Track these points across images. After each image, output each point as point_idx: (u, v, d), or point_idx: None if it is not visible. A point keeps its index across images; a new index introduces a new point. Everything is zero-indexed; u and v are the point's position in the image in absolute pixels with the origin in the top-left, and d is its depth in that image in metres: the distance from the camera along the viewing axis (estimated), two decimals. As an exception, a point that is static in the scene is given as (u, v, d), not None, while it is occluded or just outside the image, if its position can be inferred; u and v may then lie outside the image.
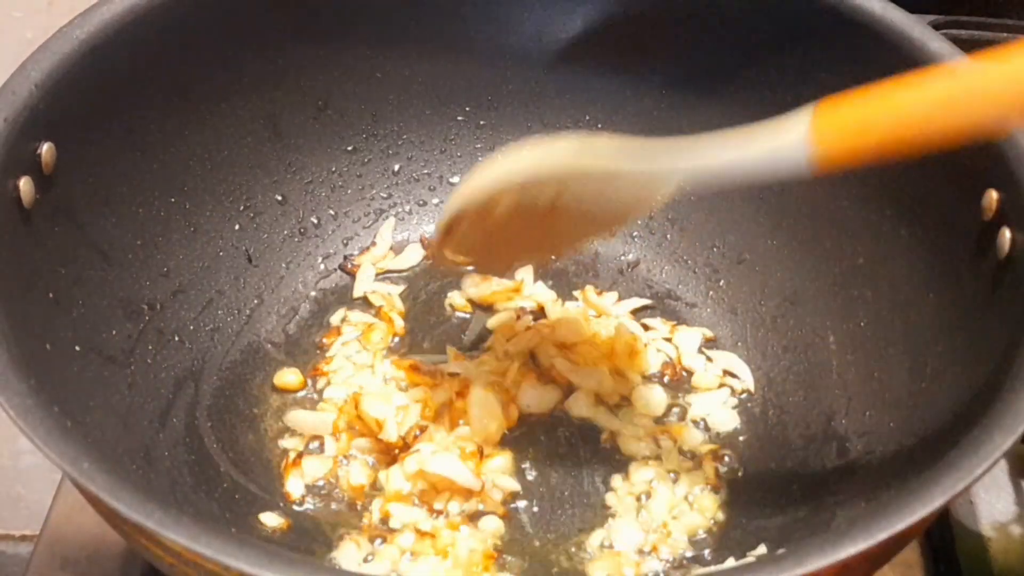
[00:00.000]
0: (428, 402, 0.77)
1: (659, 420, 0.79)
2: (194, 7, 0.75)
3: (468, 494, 0.73)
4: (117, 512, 0.51)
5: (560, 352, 0.81)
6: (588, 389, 0.79)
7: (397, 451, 0.75)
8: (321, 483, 0.74)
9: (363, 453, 0.76)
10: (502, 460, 0.75)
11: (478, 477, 0.73)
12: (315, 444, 0.77)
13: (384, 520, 0.72)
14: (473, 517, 0.73)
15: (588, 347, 0.82)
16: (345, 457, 0.76)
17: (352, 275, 0.87)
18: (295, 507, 0.73)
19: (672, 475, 0.76)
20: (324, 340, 0.83)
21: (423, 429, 0.76)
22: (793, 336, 0.81)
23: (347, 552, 0.71)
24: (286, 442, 0.77)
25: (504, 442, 0.76)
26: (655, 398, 0.80)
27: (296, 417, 0.78)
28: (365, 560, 0.71)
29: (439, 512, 0.73)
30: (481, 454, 0.74)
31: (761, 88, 0.81)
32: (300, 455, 0.75)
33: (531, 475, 0.76)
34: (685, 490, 0.75)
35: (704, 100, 0.84)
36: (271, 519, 0.72)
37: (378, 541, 0.72)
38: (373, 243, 0.88)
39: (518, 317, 0.84)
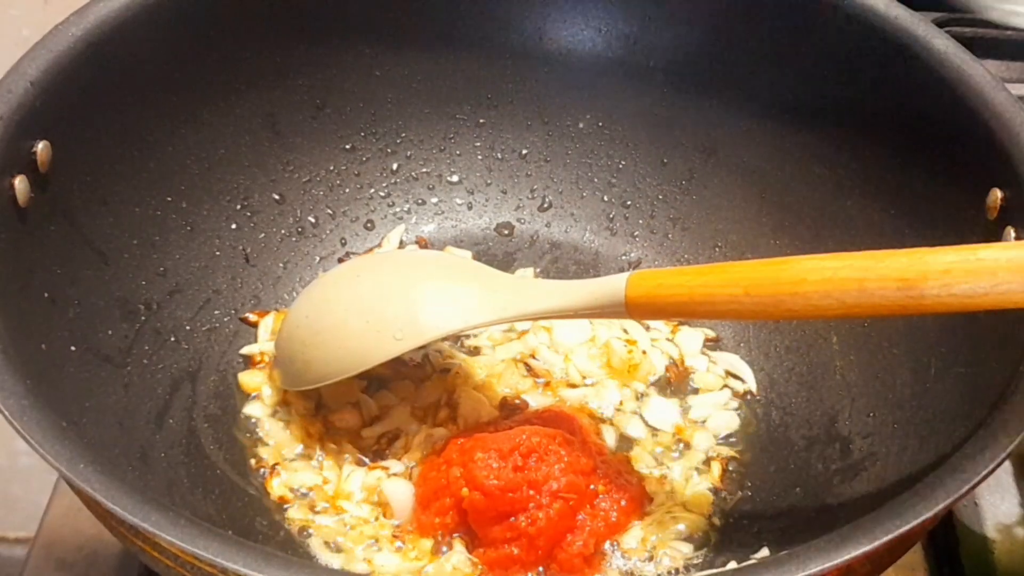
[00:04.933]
0: (415, 401, 0.78)
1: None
2: (191, 5, 0.75)
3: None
4: (113, 514, 0.51)
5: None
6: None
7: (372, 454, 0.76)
8: (307, 488, 0.74)
9: (344, 452, 0.76)
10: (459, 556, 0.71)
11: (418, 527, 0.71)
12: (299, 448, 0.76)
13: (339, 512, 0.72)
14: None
15: (587, 352, 0.82)
16: (334, 461, 0.75)
17: None
18: (284, 507, 0.73)
19: (673, 477, 0.75)
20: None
21: (396, 437, 0.76)
22: (796, 336, 0.81)
23: (317, 542, 0.71)
24: (263, 451, 0.76)
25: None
26: (663, 416, 0.79)
27: (268, 429, 0.77)
28: (330, 545, 0.71)
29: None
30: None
31: (764, 87, 0.81)
32: (275, 465, 0.75)
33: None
34: (686, 492, 0.74)
35: (705, 99, 0.84)
36: (268, 518, 0.72)
37: (351, 532, 0.71)
38: (379, 244, 0.87)
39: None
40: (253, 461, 0.75)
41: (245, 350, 0.80)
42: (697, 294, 0.63)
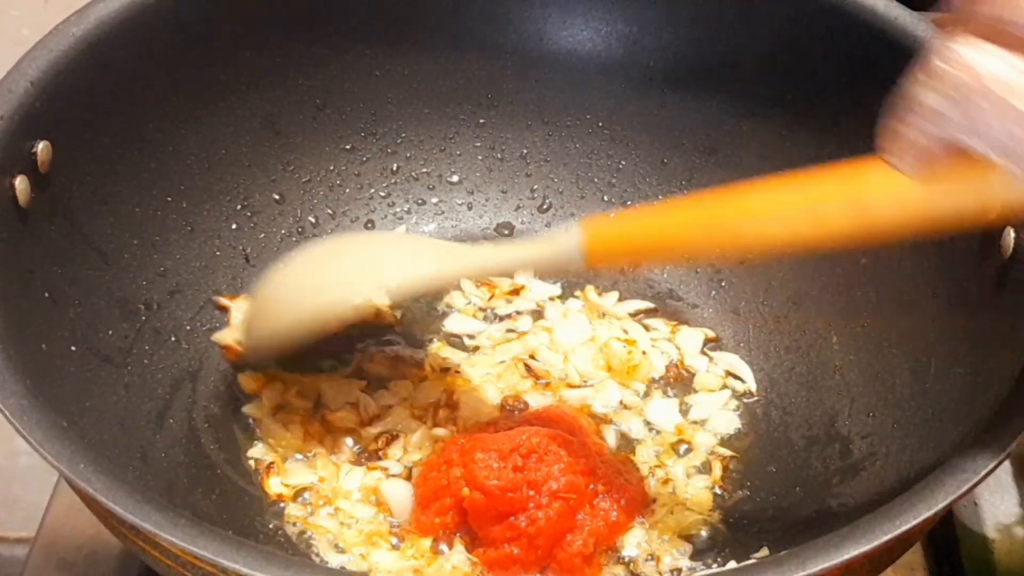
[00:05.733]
0: (414, 401, 0.78)
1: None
2: (191, 5, 0.75)
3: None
4: (114, 513, 0.51)
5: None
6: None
7: (371, 454, 0.75)
8: (306, 488, 0.74)
9: (343, 452, 0.76)
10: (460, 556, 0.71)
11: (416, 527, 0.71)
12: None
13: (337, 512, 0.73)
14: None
15: (586, 351, 0.82)
16: (332, 461, 0.75)
17: None
18: (283, 506, 0.73)
19: (673, 477, 0.75)
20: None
21: (395, 437, 0.76)
22: (795, 337, 0.81)
23: (316, 541, 0.71)
24: (262, 450, 0.76)
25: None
26: (664, 416, 0.79)
27: (267, 428, 0.77)
28: (329, 544, 0.70)
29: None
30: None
31: (762, 87, 0.81)
32: (274, 464, 0.74)
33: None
34: (686, 492, 0.74)
35: (704, 99, 0.84)
36: (268, 518, 0.72)
37: (350, 531, 0.71)
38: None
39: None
40: (252, 461, 0.75)
41: (215, 337, 0.79)
42: (655, 236, 0.64)
